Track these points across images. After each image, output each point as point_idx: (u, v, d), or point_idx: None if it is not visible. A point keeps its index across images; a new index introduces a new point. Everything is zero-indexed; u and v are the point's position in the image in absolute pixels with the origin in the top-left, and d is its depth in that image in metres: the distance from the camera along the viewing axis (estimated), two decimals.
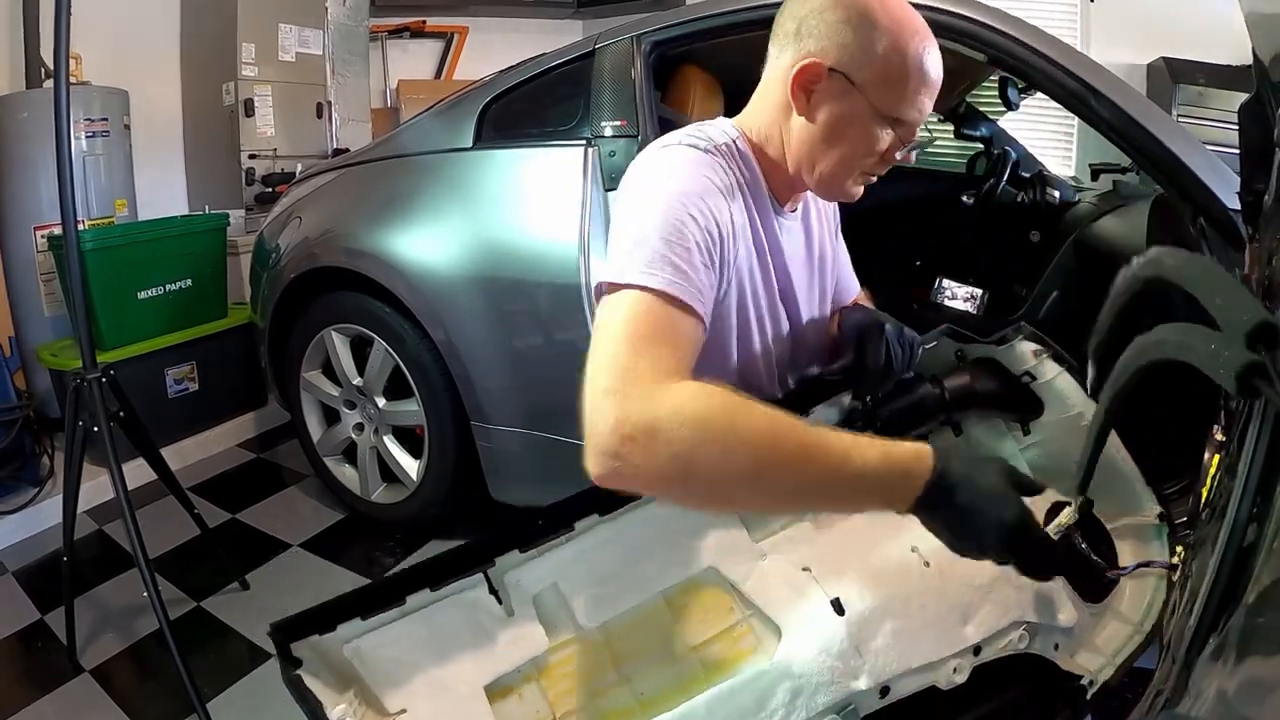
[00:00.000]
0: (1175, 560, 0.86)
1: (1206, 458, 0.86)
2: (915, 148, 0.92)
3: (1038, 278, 2.10)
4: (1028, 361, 1.02)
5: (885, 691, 0.91)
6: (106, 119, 2.93)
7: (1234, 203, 1.24)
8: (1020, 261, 2.38)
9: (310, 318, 2.27)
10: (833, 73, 0.86)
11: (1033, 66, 1.48)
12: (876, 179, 0.94)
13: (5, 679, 1.77)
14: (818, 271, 1.06)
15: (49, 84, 2.73)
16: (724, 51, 1.79)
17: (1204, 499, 0.81)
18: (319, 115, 3.82)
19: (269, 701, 1.62)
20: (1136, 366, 0.56)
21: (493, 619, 0.90)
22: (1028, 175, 2.50)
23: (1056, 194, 2.39)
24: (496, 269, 1.86)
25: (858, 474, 0.69)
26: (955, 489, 0.70)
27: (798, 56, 0.88)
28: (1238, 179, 1.09)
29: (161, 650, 1.66)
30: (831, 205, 1.15)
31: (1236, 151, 1.01)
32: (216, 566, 2.08)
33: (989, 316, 2.46)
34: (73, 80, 2.33)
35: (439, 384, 2.01)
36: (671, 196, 0.81)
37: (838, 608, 0.91)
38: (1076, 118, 1.51)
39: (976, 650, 0.95)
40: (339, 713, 0.81)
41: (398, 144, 2.19)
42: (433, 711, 0.86)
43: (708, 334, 0.81)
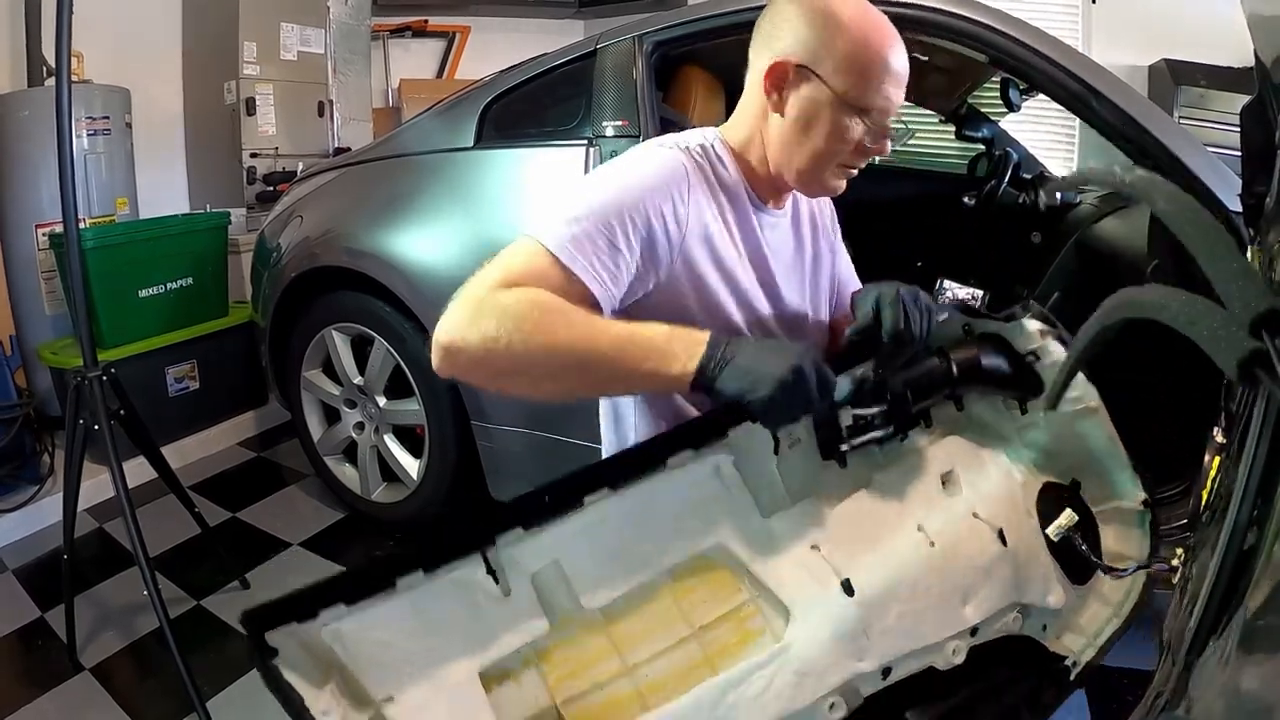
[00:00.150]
0: (1175, 561, 0.86)
1: (1207, 460, 0.86)
2: (891, 138, 0.95)
3: (1039, 279, 2.10)
4: (1034, 341, 1.02)
5: (887, 672, 0.91)
6: (108, 117, 2.94)
7: (1235, 205, 1.24)
8: (1021, 263, 2.38)
9: (311, 317, 2.27)
10: (800, 69, 0.92)
11: (1034, 68, 1.48)
12: (857, 172, 0.98)
13: (5, 677, 1.78)
14: (810, 269, 1.11)
15: (50, 82, 2.74)
16: (725, 52, 1.79)
17: (1204, 501, 0.81)
18: (320, 114, 3.82)
19: (268, 700, 1.62)
20: (1128, 315, 0.54)
21: (489, 599, 0.84)
22: (1029, 177, 2.50)
23: (1057, 195, 2.39)
24: None
25: (648, 339, 0.81)
26: (738, 349, 0.81)
27: (769, 59, 0.94)
28: (1239, 181, 1.09)
29: (161, 649, 1.66)
30: (827, 208, 1.17)
31: (1238, 154, 1.01)
32: (217, 565, 2.08)
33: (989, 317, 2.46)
34: (74, 79, 2.34)
35: (439, 383, 2.01)
36: (621, 187, 0.90)
37: (848, 589, 0.90)
38: (1078, 119, 1.51)
39: (974, 631, 0.96)
40: (322, 707, 0.75)
41: (399, 143, 2.19)
42: (422, 698, 0.80)
43: (656, 308, 0.91)
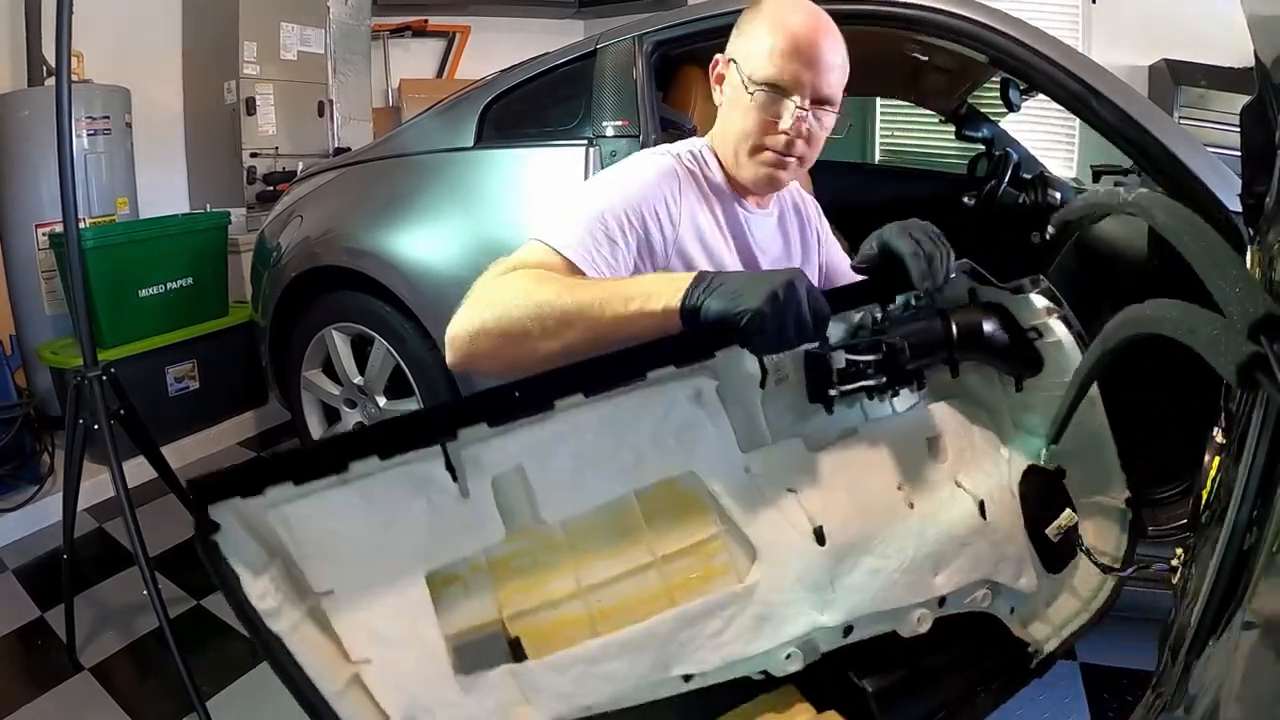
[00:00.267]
0: (1175, 562, 0.86)
1: (1206, 460, 0.86)
2: (809, 122, 0.98)
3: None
4: (1038, 316, 1.02)
5: (849, 630, 0.89)
6: (108, 117, 2.93)
7: (1235, 205, 1.24)
8: (1021, 263, 2.37)
9: (311, 317, 2.26)
10: (729, 62, 1.03)
11: (1034, 68, 1.48)
12: (798, 162, 1.02)
13: (5, 677, 1.77)
14: (799, 263, 1.18)
15: (50, 82, 2.73)
16: None
17: (1204, 501, 0.81)
18: (320, 114, 3.82)
19: (268, 700, 1.62)
20: (1132, 334, 0.55)
21: (445, 498, 0.79)
22: (1029, 177, 2.49)
23: (1057, 195, 2.39)
24: None
25: (635, 283, 0.86)
26: (727, 277, 0.83)
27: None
28: (1239, 181, 1.09)
29: (161, 648, 1.66)
30: (812, 203, 1.24)
31: (1238, 154, 1.01)
32: None
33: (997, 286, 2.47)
34: (74, 78, 2.33)
35: (440, 383, 2.01)
36: (619, 190, 0.98)
37: (819, 536, 0.88)
38: (1078, 119, 1.51)
39: (941, 601, 0.95)
40: (259, 591, 0.71)
41: (399, 143, 2.19)
42: (364, 595, 0.76)
43: None
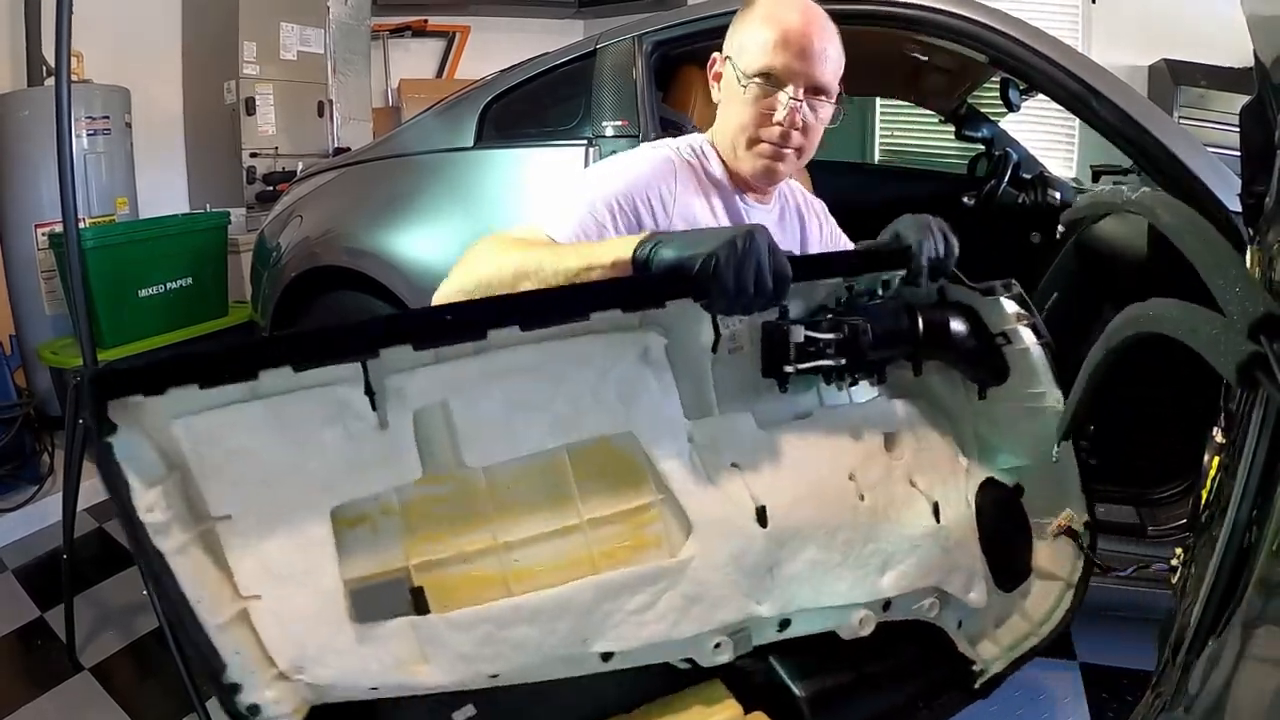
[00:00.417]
0: (1175, 562, 0.86)
1: (1206, 460, 0.86)
2: (801, 112, 0.98)
3: (1038, 279, 2.10)
4: (1008, 322, 0.98)
5: (785, 625, 0.85)
6: (108, 117, 2.93)
7: (1235, 205, 1.24)
8: (1021, 263, 2.37)
9: (311, 317, 2.26)
10: (725, 59, 1.05)
11: (1034, 68, 1.48)
12: (795, 152, 1.02)
13: (5, 677, 1.77)
14: (790, 247, 1.14)
15: (50, 82, 2.73)
16: None
17: (1204, 501, 0.81)
18: (320, 114, 3.82)
19: None
20: (1132, 333, 0.55)
21: (362, 426, 0.73)
22: (1029, 177, 2.49)
23: (1057, 195, 2.39)
24: None
25: (596, 243, 0.88)
26: (684, 233, 0.83)
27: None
28: (1239, 181, 1.09)
29: (161, 648, 1.67)
30: (817, 202, 1.23)
31: (1238, 154, 1.01)
32: None
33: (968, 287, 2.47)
34: (74, 78, 2.33)
35: None
36: (614, 179, 0.99)
37: (761, 518, 0.83)
38: (1078, 119, 1.51)
39: (886, 606, 0.91)
40: (148, 503, 0.66)
41: (399, 143, 2.19)
42: (263, 524, 0.71)
43: None
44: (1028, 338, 0.97)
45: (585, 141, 1.80)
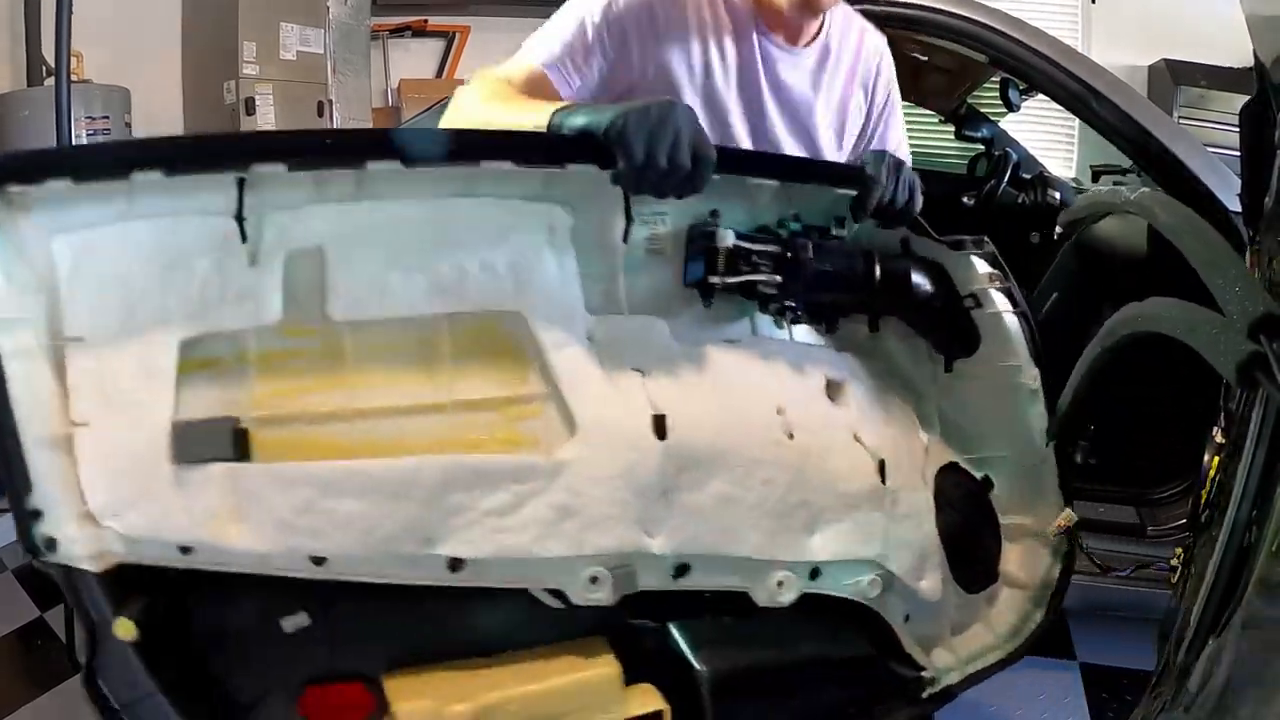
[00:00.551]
0: (1175, 562, 0.86)
1: (1206, 460, 0.86)
2: None
3: (1038, 279, 2.10)
4: (978, 281, 0.89)
5: (682, 571, 0.72)
6: (108, 117, 2.93)
7: (1235, 205, 1.24)
8: (1020, 262, 2.38)
9: None
10: None
11: (1034, 68, 1.48)
12: None
13: (5, 676, 1.77)
14: (833, 121, 1.02)
15: (50, 82, 2.73)
16: None
17: (1204, 501, 0.81)
18: (320, 114, 3.81)
19: None
20: (1129, 332, 0.56)
21: (231, 260, 0.69)
22: (1028, 177, 2.49)
23: (1057, 195, 2.39)
24: None
25: (535, 106, 0.81)
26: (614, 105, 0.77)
27: None
28: (1239, 181, 1.09)
29: None
30: (885, 70, 1.10)
31: (1238, 154, 1.01)
32: None
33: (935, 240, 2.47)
34: (74, 78, 2.33)
35: None
36: (596, 4, 0.92)
37: (659, 428, 0.72)
38: (1078, 119, 1.51)
39: (814, 573, 0.77)
40: (3, 323, 0.63)
41: None
42: (110, 352, 0.67)
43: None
44: (1000, 302, 0.88)
45: None
